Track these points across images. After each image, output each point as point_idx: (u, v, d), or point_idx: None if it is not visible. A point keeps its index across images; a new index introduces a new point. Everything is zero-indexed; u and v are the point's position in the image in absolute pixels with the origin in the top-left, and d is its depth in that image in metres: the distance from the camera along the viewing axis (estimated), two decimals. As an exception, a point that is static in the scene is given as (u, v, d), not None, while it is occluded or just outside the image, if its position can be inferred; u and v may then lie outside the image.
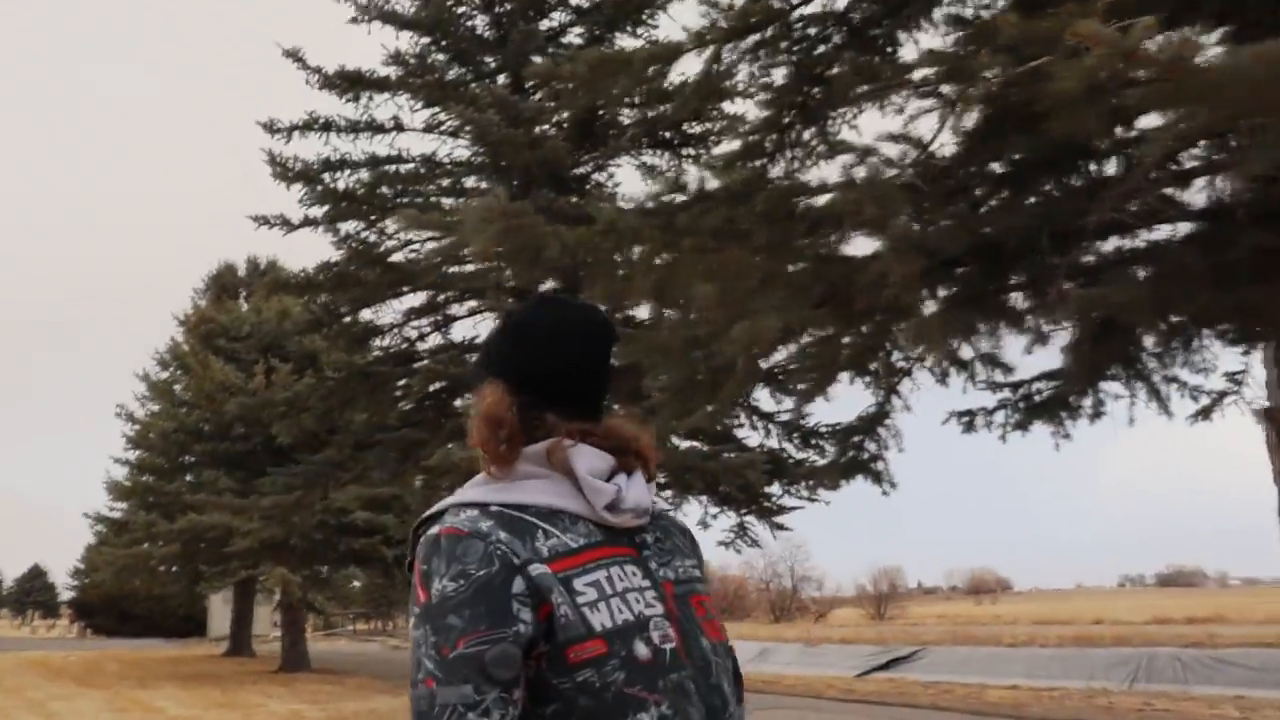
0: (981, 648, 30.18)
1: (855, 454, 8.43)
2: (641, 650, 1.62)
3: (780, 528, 13.19)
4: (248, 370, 24.46)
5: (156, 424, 26.85)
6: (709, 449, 11.35)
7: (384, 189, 12.48)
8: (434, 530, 1.66)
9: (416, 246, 12.99)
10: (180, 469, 26.50)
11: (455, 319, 14.31)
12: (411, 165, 13.31)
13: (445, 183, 13.48)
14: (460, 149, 13.77)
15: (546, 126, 11.17)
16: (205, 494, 23.94)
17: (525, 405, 1.75)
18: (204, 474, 24.51)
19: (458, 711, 1.53)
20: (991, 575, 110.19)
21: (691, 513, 14.71)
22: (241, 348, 26.59)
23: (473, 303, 14.11)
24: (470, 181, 12.92)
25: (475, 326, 14.20)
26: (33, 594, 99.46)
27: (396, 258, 11.91)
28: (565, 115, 10.67)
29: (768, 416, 13.22)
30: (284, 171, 13.41)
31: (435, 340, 14.72)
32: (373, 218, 12.95)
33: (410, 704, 1.59)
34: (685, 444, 11.95)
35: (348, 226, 12.59)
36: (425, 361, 12.90)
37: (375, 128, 13.32)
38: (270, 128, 13.51)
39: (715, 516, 14.17)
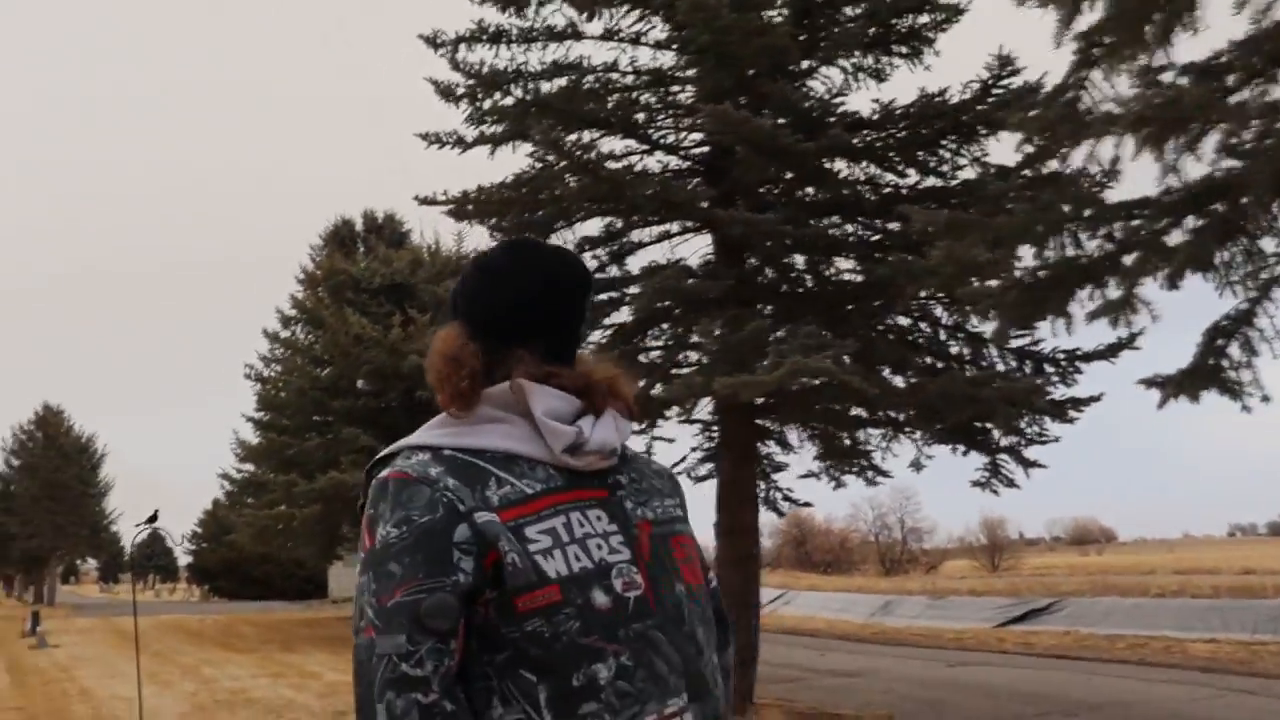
0: (1125, 599, 28.49)
1: (1215, 361, 6.87)
2: (600, 599, 1.56)
3: (1034, 465, 11.62)
4: (382, 322, 23.51)
5: (289, 382, 26.06)
6: (979, 374, 9.83)
7: (579, 101, 11.08)
8: (383, 473, 1.63)
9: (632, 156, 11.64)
10: (314, 427, 25.66)
11: (639, 246, 12.96)
12: (593, 75, 11.91)
13: (628, 95, 12.09)
14: (642, 55, 12.37)
15: (773, 12, 9.71)
16: (344, 452, 23.20)
17: (489, 348, 1.69)
18: (343, 431, 23.61)
19: (391, 661, 1.49)
20: (1095, 525, 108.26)
21: (904, 453, 13.27)
22: (371, 299, 25.63)
23: (664, 226, 12.74)
24: (677, 89, 11.49)
25: (672, 249, 12.74)
26: (153, 558, 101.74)
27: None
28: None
29: (986, 341, 11.64)
30: (450, 92, 12.15)
31: (612, 271, 13.39)
32: (556, 131, 11.58)
33: (354, 652, 1.56)
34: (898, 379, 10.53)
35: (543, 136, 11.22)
36: (635, 288, 11.44)
37: (554, 35, 11.95)
38: (434, 41, 12.22)
39: (932, 458, 12.73)
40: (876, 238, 11.92)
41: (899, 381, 10.43)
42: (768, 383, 7.62)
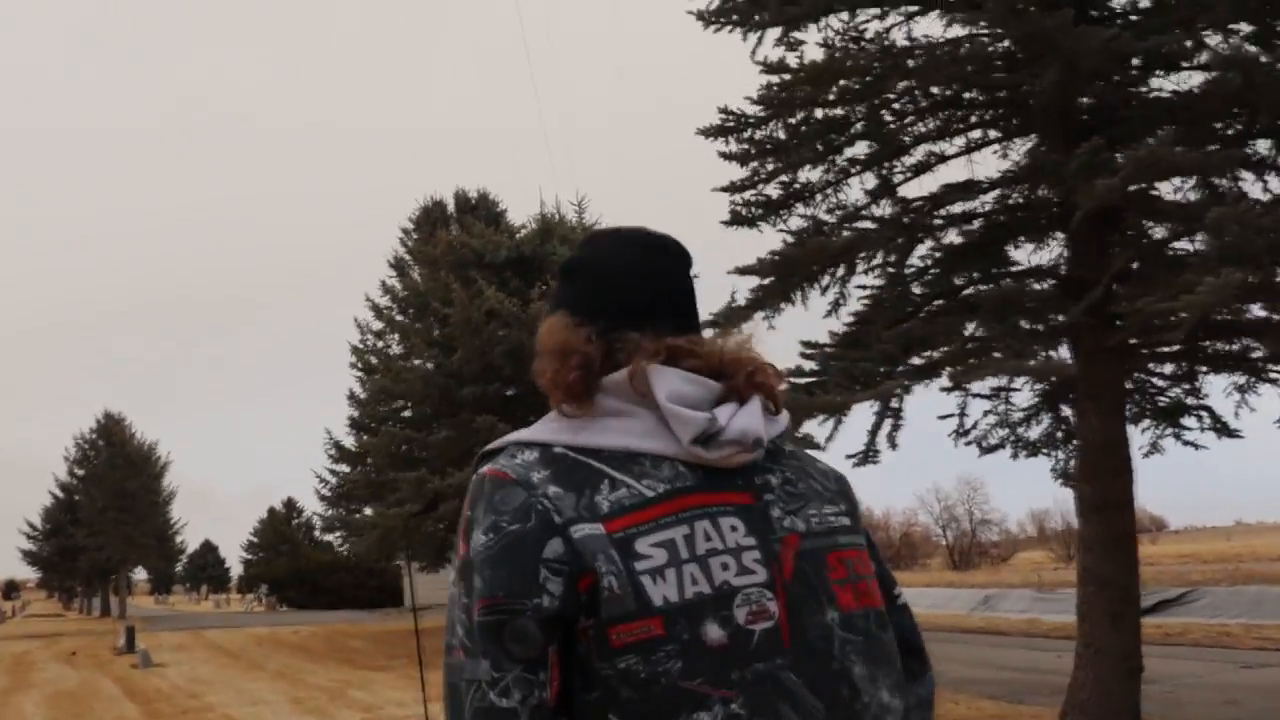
0: (1272, 587, 26.00)
1: None
2: (713, 633, 1.32)
3: None
4: (521, 295, 21.00)
5: (409, 369, 23.49)
6: None
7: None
8: (484, 470, 1.44)
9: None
10: (439, 418, 23.11)
11: (938, 160, 10.42)
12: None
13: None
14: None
15: None
16: (478, 443, 20.75)
17: (603, 329, 1.48)
18: (475, 420, 21.09)
19: (480, 689, 1.32)
20: (1144, 514, 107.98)
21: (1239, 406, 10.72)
22: (495, 275, 23.09)
23: (973, 134, 10.22)
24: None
25: (969, 164, 10.28)
26: (206, 569, 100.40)
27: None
28: None
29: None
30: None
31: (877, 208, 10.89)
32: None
33: (444, 671, 1.40)
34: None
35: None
36: (989, 194, 8.84)
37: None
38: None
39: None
40: None
41: None
42: None
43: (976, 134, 10.42)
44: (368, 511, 29.08)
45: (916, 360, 9.28)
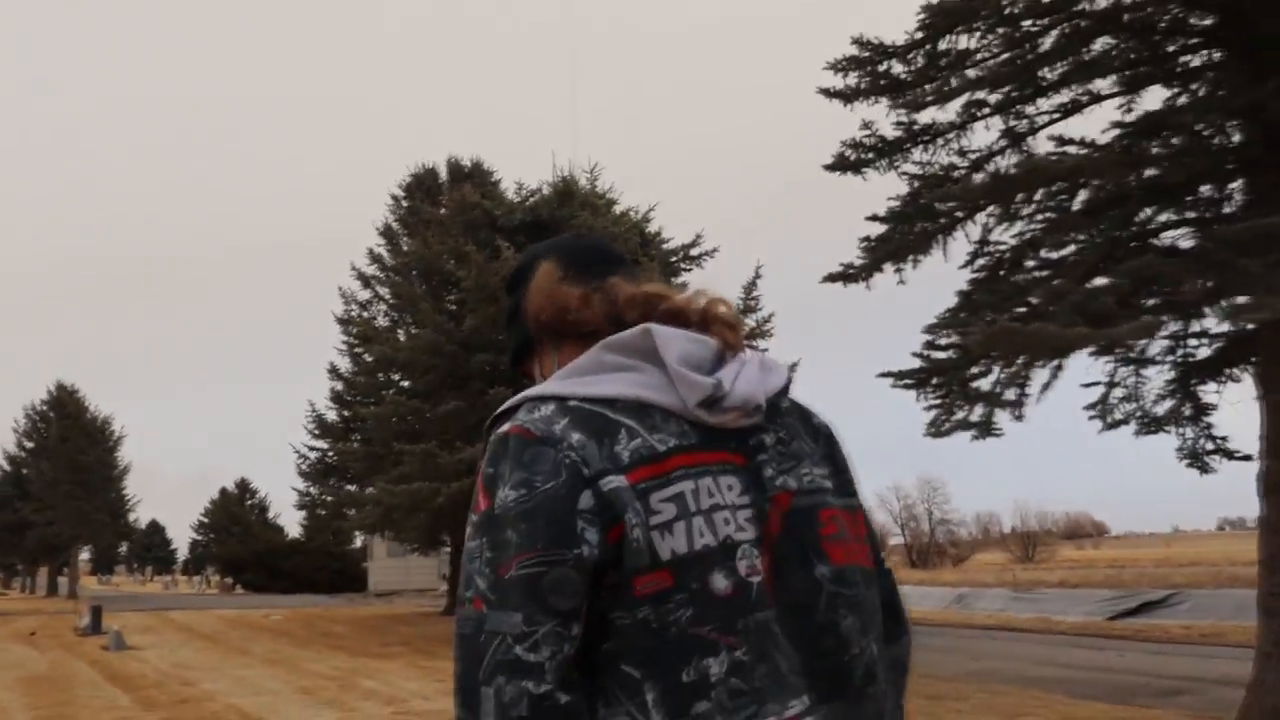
0: (1252, 590, 25.41)
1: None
2: (720, 583, 1.32)
3: None
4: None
5: (418, 340, 21.91)
6: None
7: None
8: (504, 428, 1.40)
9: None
10: (448, 388, 21.60)
11: (1093, 100, 9.33)
12: None
13: None
14: None
15: None
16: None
17: (583, 278, 1.53)
18: (491, 392, 19.64)
19: (505, 642, 1.26)
20: (1087, 519, 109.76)
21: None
22: (507, 240, 21.62)
23: (1123, 73, 9.14)
24: None
25: (1129, 105, 9.23)
26: (153, 549, 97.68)
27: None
28: None
29: None
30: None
31: (1003, 157, 9.84)
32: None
33: (455, 625, 1.34)
34: None
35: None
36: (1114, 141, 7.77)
37: None
38: None
39: None
40: None
41: None
42: None
43: (1142, 69, 9.36)
44: (350, 488, 27.70)
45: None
